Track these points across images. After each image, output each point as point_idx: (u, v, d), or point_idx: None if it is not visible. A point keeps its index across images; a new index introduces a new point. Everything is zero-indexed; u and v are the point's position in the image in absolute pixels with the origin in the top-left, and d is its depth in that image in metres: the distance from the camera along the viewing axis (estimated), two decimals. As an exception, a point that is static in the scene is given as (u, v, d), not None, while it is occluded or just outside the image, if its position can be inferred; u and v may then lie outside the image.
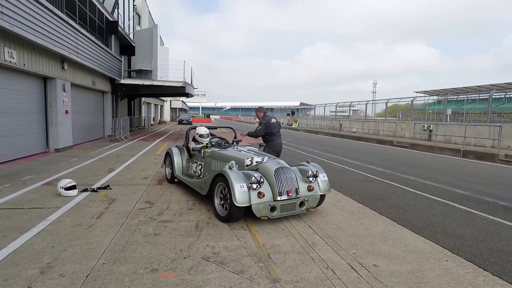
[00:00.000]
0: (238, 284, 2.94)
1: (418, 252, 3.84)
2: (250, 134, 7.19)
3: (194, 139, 6.66)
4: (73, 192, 5.69)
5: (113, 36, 18.14)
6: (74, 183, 5.78)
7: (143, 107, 31.08)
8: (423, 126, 21.22)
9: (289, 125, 45.15)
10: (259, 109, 7.37)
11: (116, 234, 4.00)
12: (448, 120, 24.34)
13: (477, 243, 4.28)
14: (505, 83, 30.19)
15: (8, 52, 8.30)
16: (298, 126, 42.47)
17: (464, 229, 4.81)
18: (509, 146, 15.49)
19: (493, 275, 3.37)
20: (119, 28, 18.14)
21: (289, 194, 4.63)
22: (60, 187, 5.64)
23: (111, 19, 17.36)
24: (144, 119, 29.64)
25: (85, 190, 6.02)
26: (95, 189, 6.15)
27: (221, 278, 3.04)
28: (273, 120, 7.14)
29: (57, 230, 4.05)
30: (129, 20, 22.85)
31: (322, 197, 5.15)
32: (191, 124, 37.88)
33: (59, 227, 4.17)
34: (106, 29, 16.88)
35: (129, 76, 21.16)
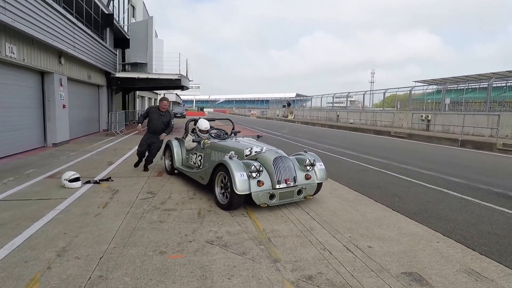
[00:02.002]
0: (241, 264, 3.14)
1: (411, 235, 4.05)
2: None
3: (193, 131, 6.81)
4: (77, 184, 5.85)
5: (108, 29, 18.08)
6: (78, 175, 5.93)
7: (137, 100, 31.05)
8: (421, 116, 21.41)
9: (285, 116, 45.28)
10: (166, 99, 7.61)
11: (123, 221, 4.18)
12: (447, 109, 24.54)
13: (468, 226, 4.49)
14: (506, 71, 29.95)
15: (9, 47, 8.37)
16: (294, 117, 42.62)
17: (456, 214, 5.02)
18: (507, 135, 15.72)
19: (481, 254, 3.59)
20: (114, 21, 18.10)
21: (287, 183, 4.82)
22: (65, 179, 5.79)
23: (107, 12, 17.31)
24: (138, 113, 29.66)
25: (88, 182, 6.17)
26: (98, 181, 6.31)
27: (225, 258, 3.24)
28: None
29: (67, 219, 4.22)
30: (124, 13, 22.74)
31: (319, 185, 5.35)
32: (184, 117, 37.98)
33: (67, 216, 4.34)
34: (101, 22, 16.85)
35: (124, 70, 21.12)
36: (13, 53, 8.56)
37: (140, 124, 7.73)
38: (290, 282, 2.85)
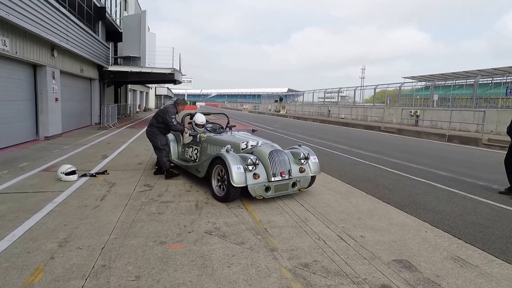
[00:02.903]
0: (240, 253, 3.26)
1: (400, 225, 4.23)
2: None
3: (189, 124, 6.87)
4: (73, 177, 5.89)
5: (100, 22, 17.95)
6: (74, 169, 5.97)
7: (129, 94, 30.86)
8: (410, 112, 21.78)
9: (277, 111, 45.43)
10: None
11: (122, 213, 4.26)
12: (435, 105, 24.99)
13: (454, 217, 4.68)
14: (492, 68, 30.52)
15: (1, 40, 8.30)
16: (286, 112, 42.81)
17: (443, 205, 5.22)
18: (492, 131, 16.14)
19: (466, 242, 3.78)
20: (106, 14, 17.96)
21: (282, 175, 4.95)
22: (61, 172, 5.83)
23: (99, 5, 17.18)
24: (130, 107, 29.48)
25: (84, 175, 6.20)
26: (94, 174, 6.35)
27: (225, 248, 3.36)
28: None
29: (65, 211, 4.28)
30: (116, 6, 22.54)
31: (313, 178, 5.51)
32: None
33: (66, 208, 4.40)
34: (94, 15, 16.71)
35: (116, 63, 20.98)
36: (6, 46, 8.50)
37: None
38: (287, 269, 2.98)
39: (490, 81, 34.51)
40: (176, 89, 79.42)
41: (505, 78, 27.17)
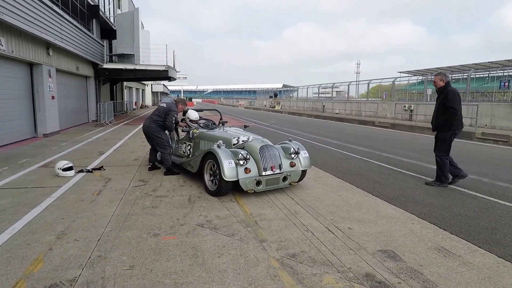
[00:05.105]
0: (230, 244, 3.40)
1: (388, 217, 4.36)
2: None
3: (182, 121, 7.00)
4: (70, 173, 6.02)
5: (94, 20, 17.99)
6: (71, 165, 6.10)
7: (125, 91, 30.92)
8: (404, 106, 21.88)
9: (272, 107, 45.48)
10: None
11: (117, 207, 4.40)
12: (429, 100, 25.11)
13: (441, 209, 4.80)
14: (488, 62, 30.63)
15: (-2, 39, 8.42)
16: (281, 108, 42.89)
17: (432, 198, 5.34)
18: (486, 125, 16.25)
19: (451, 233, 3.90)
20: (100, 12, 17.99)
21: (273, 170, 5.09)
22: (58, 168, 5.96)
23: (92, 3, 17.21)
24: (126, 104, 29.55)
25: (81, 171, 6.34)
26: (90, 170, 6.49)
27: (215, 239, 3.50)
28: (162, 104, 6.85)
29: (63, 205, 4.42)
30: (109, 4, 22.54)
31: (304, 172, 5.64)
32: None
33: (64, 202, 4.54)
34: (87, 13, 16.75)
35: (111, 61, 21.05)
36: (2, 45, 8.59)
37: None
38: (275, 259, 3.12)
39: (487, 75, 34.61)
40: (172, 86, 79.08)
41: (502, 71, 27.29)
